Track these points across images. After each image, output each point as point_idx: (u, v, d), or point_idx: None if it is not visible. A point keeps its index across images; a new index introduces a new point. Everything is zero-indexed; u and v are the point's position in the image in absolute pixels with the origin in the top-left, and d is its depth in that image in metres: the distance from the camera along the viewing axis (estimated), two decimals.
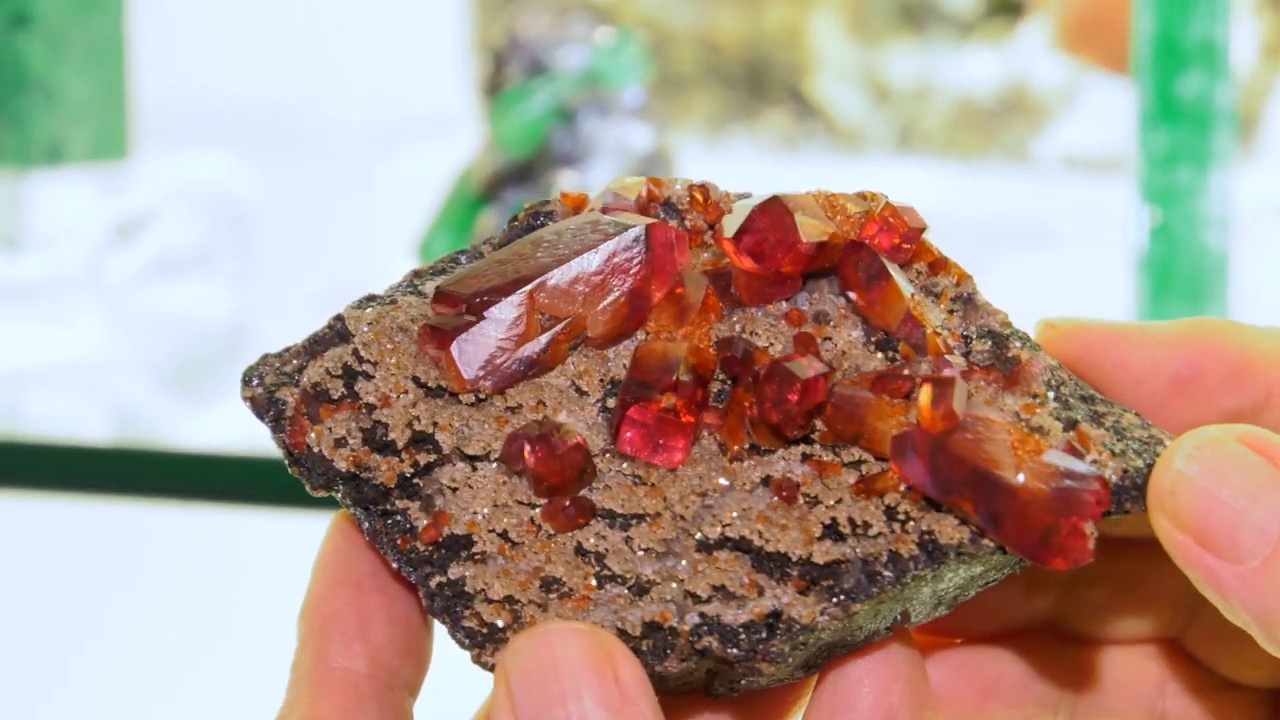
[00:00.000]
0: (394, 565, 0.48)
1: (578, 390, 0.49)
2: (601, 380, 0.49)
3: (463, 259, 0.50)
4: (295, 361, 0.49)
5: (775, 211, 0.47)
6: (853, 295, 0.48)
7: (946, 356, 0.47)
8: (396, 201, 1.31)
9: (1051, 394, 0.48)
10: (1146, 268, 1.06)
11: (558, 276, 0.48)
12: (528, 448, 0.47)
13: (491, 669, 0.47)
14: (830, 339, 0.48)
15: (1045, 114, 1.45)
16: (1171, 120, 1.06)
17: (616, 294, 0.48)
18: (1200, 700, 0.52)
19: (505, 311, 0.48)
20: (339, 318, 0.49)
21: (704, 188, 0.50)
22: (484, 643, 0.47)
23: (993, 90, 1.44)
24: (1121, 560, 0.52)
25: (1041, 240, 1.44)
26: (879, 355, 0.48)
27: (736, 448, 0.48)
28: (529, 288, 0.48)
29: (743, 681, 0.48)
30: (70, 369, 1.08)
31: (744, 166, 1.38)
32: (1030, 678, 0.54)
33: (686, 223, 0.49)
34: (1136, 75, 1.08)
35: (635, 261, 0.48)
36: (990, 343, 0.48)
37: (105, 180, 1.11)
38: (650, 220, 0.48)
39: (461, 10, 1.52)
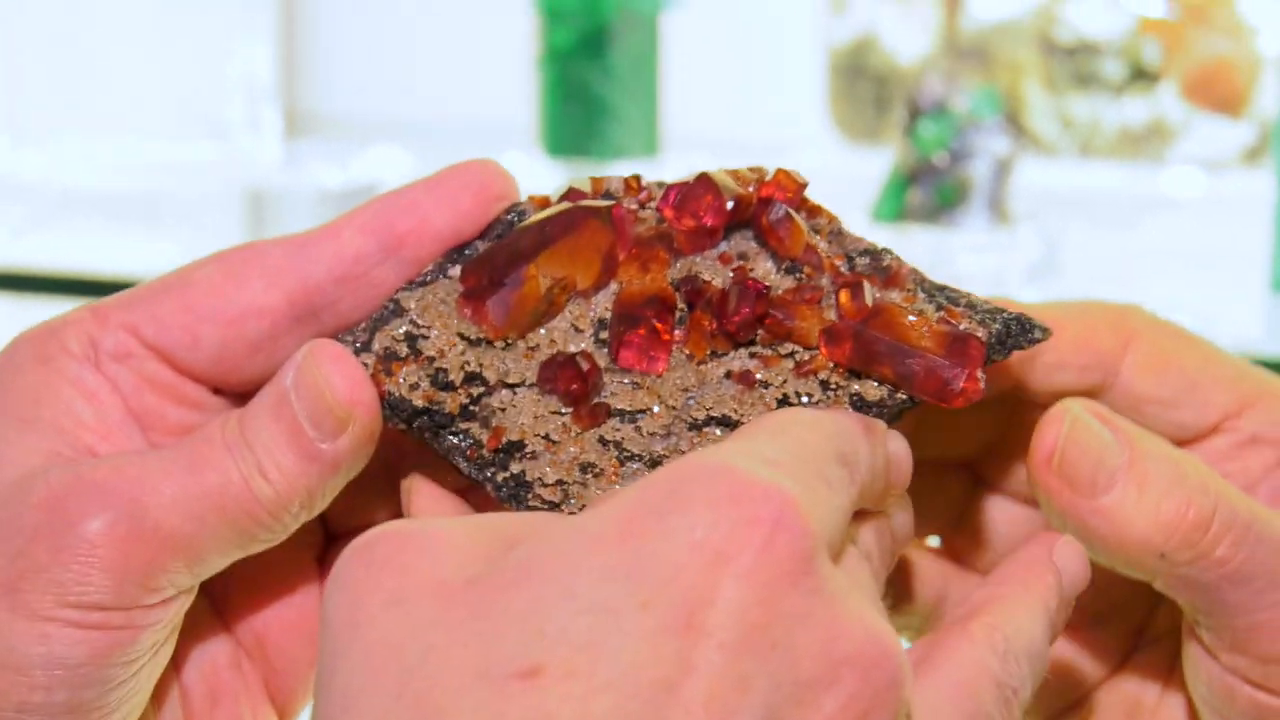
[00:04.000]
0: (465, 472, 0.53)
1: (575, 329, 0.53)
2: (591, 320, 0.53)
3: (466, 249, 0.54)
4: (364, 336, 0.53)
5: (703, 184, 0.53)
6: (764, 236, 0.53)
7: (841, 270, 0.53)
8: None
9: (919, 288, 0.53)
10: None
11: (553, 247, 0.53)
12: (557, 371, 0.53)
13: None
14: (753, 270, 0.53)
15: (1174, 136, 1.79)
16: None
17: (594, 256, 0.53)
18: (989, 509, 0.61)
19: (517, 278, 0.52)
20: (394, 299, 0.53)
21: (637, 177, 0.54)
22: None
23: (1143, 122, 1.87)
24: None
25: (1177, 213, 1.81)
26: (790, 277, 0.53)
27: (701, 355, 0.53)
28: (534, 260, 0.53)
29: None
30: None
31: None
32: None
33: (624, 203, 0.54)
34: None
35: (605, 232, 0.53)
36: (868, 258, 0.53)
37: (643, 167, 1.37)
38: (611, 203, 0.53)
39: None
